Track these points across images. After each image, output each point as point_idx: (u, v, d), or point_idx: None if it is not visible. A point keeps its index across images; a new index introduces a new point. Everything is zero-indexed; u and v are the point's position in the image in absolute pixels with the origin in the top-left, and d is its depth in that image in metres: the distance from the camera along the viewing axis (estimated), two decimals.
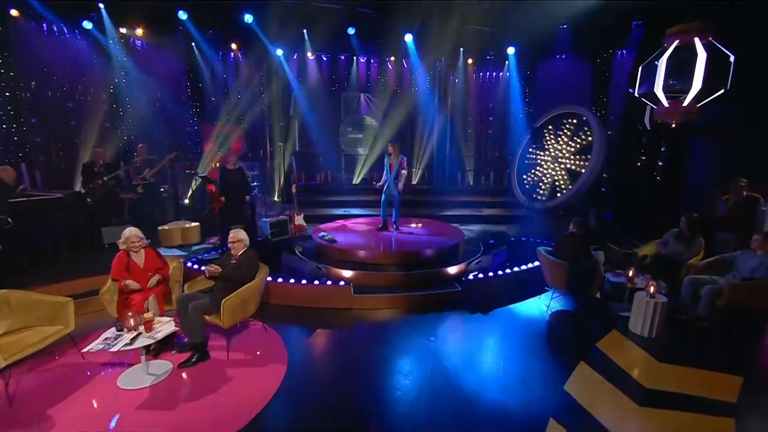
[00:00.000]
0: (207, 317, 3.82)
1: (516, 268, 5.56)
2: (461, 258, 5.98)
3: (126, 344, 3.12)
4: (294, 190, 7.31)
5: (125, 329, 3.30)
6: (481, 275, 5.31)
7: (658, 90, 5.00)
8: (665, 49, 5.00)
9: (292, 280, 5.07)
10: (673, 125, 5.55)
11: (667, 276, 4.91)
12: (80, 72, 8.08)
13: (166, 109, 9.17)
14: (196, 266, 5.47)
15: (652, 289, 4.16)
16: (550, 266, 4.82)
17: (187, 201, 8.63)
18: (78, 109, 8.17)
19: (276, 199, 9.99)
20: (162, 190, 7.86)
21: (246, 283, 3.94)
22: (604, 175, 8.98)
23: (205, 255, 6.05)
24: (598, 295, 4.93)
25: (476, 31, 9.58)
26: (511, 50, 10.57)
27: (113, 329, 3.34)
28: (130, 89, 8.69)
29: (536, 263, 5.57)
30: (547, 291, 5.25)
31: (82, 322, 4.18)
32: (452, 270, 5.61)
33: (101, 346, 3.06)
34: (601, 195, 9.28)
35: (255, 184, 8.75)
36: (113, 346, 3.06)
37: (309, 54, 10.96)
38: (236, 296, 3.78)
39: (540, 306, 5.06)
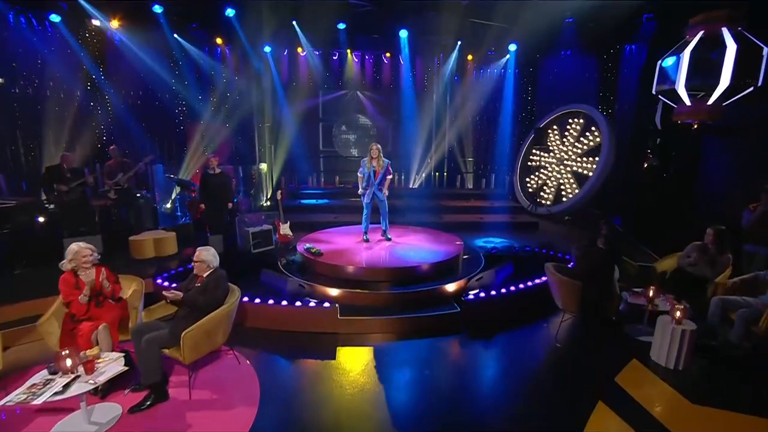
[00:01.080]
0: (166, 351, 3.31)
1: (521, 285, 5.06)
2: (460, 273, 5.48)
3: (56, 393, 2.60)
4: (279, 196, 6.75)
5: (59, 371, 2.78)
6: (482, 294, 4.80)
7: (680, 87, 4.49)
8: (687, 41, 4.49)
9: (270, 301, 4.56)
10: (695, 126, 5.05)
11: (691, 295, 4.42)
12: (52, 67, 7.54)
13: (147, 109, 8.63)
14: (167, 283, 4.96)
15: (678, 313, 3.66)
16: (561, 286, 4.32)
17: (168, 206, 8.11)
18: (49, 108, 7.63)
19: (266, 203, 9.50)
20: (138, 195, 7.33)
21: (212, 310, 3.43)
22: (613, 179, 8.46)
23: (180, 269, 5.52)
24: (613, 318, 4.42)
25: (476, 26, 9.11)
26: (512, 47, 10.12)
27: (45, 371, 2.82)
28: (107, 86, 8.14)
29: (544, 278, 5.08)
30: (557, 312, 4.75)
31: (23, 354, 3.66)
32: (450, 287, 5.11)
33: (23, 397, 2.54)
34: (609, 199, 8.82)
35: (240, 188, 8.18)
36: (38, 396, 2.54)
37: (300, 50, 10.47)
38: (198, 327, 3.27)
39: (549, 331, 4.56)
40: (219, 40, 9.58)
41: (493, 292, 4.86)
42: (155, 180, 7.74)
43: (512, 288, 4.99)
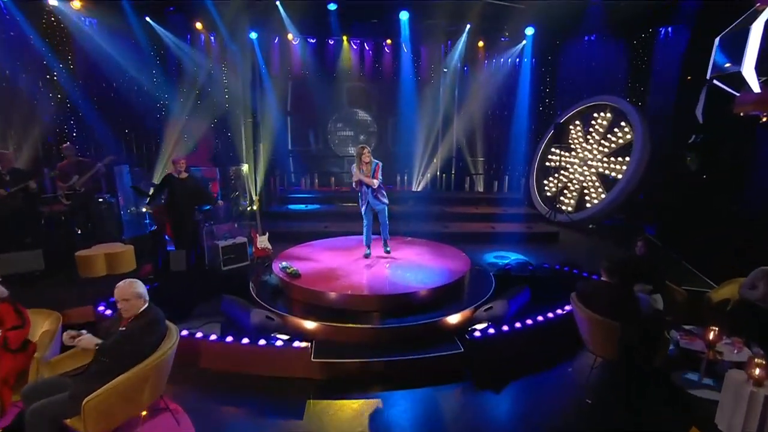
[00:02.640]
0: (68, 421, 2.58)
1: (540, 318, 4.27)
2: (466, 300, 4.73)
3: None
4: (257, 203, 6.06)
5: None
6: (491, 330, 4.01)
7: (748, 70, 3.65)
8: (757, 11, 3.66)
9: (229, 338, 3.83)
10: (765, 118, 4.21)
11: (759, 333, 3.60)
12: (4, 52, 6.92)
13: (113, 102, 8.02)
14: (110, 311, 4.25)
15: (757, 371, 2.83)
16: (593, 326, 3.52)
17: (134, 208, 7.44)
18: None
19: (248, 209, 8.84)
20: (101, 200, 6.70)
21: (136, 363, 2.70)
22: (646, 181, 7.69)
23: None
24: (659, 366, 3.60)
25: (488, 7, 8.34)
26: (529, 30, 9.38)
27: None
28: (63, 75, 7.53)
29: (567, 307, 4.33)
30: (584, 350, 3.95)
31: None
32: (453, 319, 4.37)
33: None
34: (642, 206, 8.05)
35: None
36: None
37: (289, 36, 9.76)
38: (109, 391, 2.55)
39: (576, 378, 3.77)
40: (199, 25, 8.92)
41: (505, 328, 4.07)
42: (121, 183, 7.06)
43: (529, 322, 4.20)
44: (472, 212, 8.67)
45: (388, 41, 10.27)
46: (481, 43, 10.07)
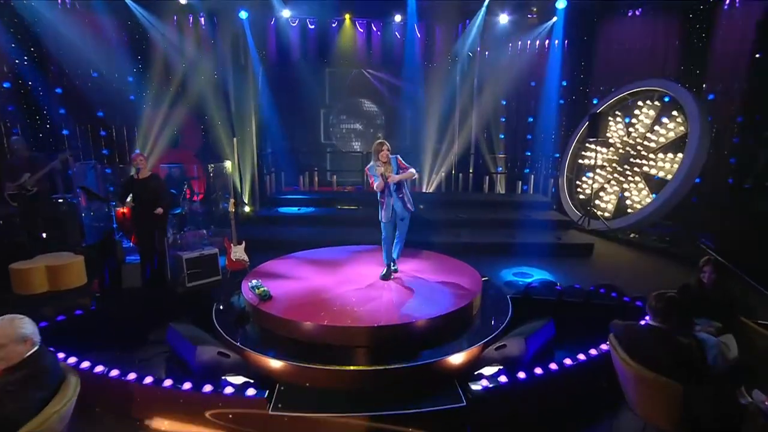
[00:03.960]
0: None
1: (568, 362, 3.53)
2: (473, 335, 4.04)
3: None
4: (231, 206, 5.55)
5: None
6: (503, 378, 3.31)
7: None
8: None
9: (167, 382, 3.24)
10: None
11: None
12: None
13: (83, 91, 7.66)
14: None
15: None
16: (640, 384, 2.78)
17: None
18: None
19: (242, 209, 8.44)
20: (60, 201, 6.34)
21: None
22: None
23: (78, 312, 4.28)
24: None
25: None
26: (561, 3, 8.80)
27: None
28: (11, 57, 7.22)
29: (604, 347, 3.64)
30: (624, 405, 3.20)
31: None
32: (456, 359, 3.68)
33: None
34: (695, 211, 7.37)
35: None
36: None
37: (285, 13, 9.29)
38: None
39: None
40: (183, 0, 8.49)
41: (522, 374, 3.36)
42: (85, 182, 6.69)
43: (553, 366, 3.48)
44: (490, 218, 8.05)
45: (398, 18, 9.80)
46: (504, 19, 9.47)
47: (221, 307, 4.45)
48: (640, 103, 8.18)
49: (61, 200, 6.32)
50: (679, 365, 2.74)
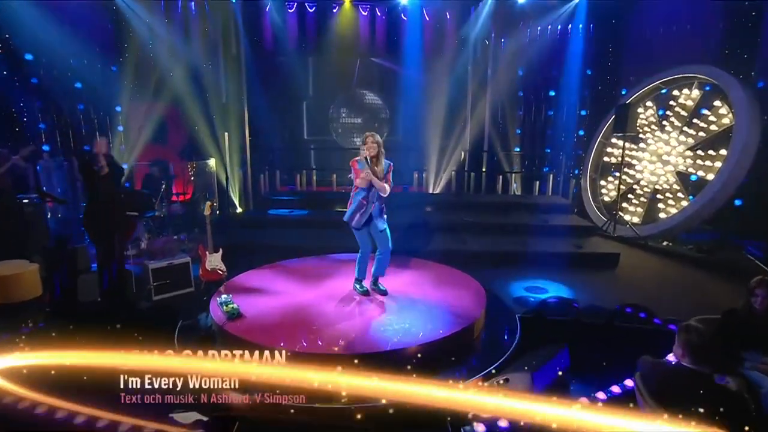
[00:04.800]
0: None
1: (585, 400, 3.09)
2: (473, 364, 3.72)
3: None
4: (207, 210, 5.29)
5: None
6: (503, 423, 2.91)
7: None
8: None
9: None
10: None
11: None
12: None
13: (48, 80, 7.55)
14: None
15: None
16: None
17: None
18: None
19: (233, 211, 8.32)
20: (26, 201, 6.13)
21: None
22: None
23: (25, 329, 4.04)
24: None
25: None
26: None
27: None
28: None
29: (628, 384, 3.27)
30: None
31: None
32: (449, 395, 3.24)
33: None
34: (738, 216, 6.99)
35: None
36: None
37: None
38: None
39: None
40: None
41: (525, 419, 2.92)
42: (50, 181, 6.58)
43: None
44: (501, 223, 7.72)
45: (404, 1, 9.56)
46: (520, 1, 9.25)
47: (187, 325, 4.16)
48: (676, 92, 7.83)
49: (26, 200, 6.08)
50: (724, 417, 2.31)
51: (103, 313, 4.42)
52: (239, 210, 9.06)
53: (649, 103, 8.26)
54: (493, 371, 3.53)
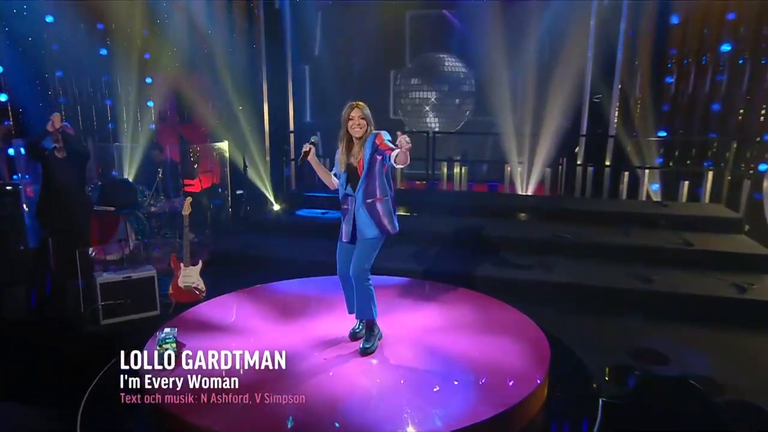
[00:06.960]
0: None
1: None
2: None
3: None
4: (186, 209, 5.21)
5: None
6: None
7: None
8: None
9: None
10: None
11: None
12: None
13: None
14: None
15: None
16: None
17: None
18: None
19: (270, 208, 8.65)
20: (9, 189, 6.63)
21: None
22: None
23: None
24: None
25: None
26: None
27: None
28: None
29: None
30: None
31: None
32: None
33: None
34: None
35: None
36: None
37: None
38: None
39: None
40: None
41: None
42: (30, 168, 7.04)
43: None
44: (615, 243, 6.74)
45: None
46: None
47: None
48: None
49: (9, 188, 6.53)
50: None
51: (22, 340, 4.34)
52: (276, 207, 9.12)
53: None
54: None
